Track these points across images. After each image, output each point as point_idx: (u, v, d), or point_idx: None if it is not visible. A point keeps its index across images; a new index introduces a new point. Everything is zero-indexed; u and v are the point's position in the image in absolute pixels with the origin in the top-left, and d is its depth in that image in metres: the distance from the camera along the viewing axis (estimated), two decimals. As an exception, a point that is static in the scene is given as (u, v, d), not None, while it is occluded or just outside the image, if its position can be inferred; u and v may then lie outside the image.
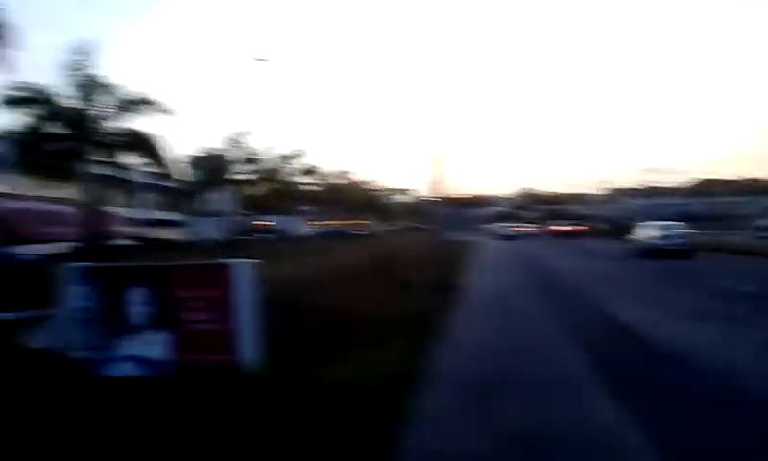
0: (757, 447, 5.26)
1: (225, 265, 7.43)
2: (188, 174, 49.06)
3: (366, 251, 28.56)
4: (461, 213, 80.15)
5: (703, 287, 17.42)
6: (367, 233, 68.60)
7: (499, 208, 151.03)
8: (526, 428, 5.76)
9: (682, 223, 35.20)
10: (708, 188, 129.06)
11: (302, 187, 65.83)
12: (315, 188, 69.92)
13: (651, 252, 30.40)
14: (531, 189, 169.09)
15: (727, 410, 6.25)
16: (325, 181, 71.96)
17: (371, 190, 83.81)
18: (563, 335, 10.43)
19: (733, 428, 5.67)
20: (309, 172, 64.27)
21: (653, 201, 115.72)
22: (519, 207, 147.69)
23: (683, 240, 30.52)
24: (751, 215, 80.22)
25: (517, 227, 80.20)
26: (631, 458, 5.05)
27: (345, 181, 76.29)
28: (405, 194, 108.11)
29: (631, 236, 35.92)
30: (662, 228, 32.11)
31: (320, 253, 26.12)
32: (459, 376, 7.83)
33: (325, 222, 72.33)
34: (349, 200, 74.75)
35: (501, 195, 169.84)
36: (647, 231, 32.95)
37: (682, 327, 11.09)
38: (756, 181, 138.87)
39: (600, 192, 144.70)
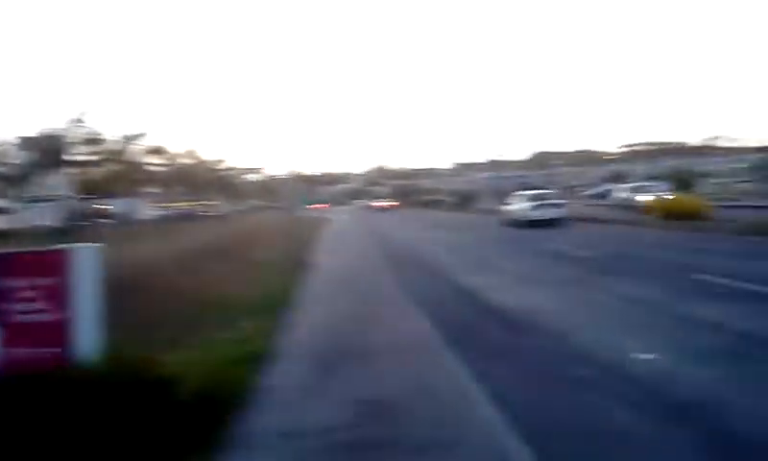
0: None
1: (61, 251, 7.00)
2: (16, 156, 44.87)
3: (214, 232, 27.90)
4: (313, 190, 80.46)
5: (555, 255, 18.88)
6: (216, 214, 66.78)
7: (353, 185, 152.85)
8: (376, 395, 5.91)
9: (551, 190, 37.05)
10: (543, 160, 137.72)
11: (148, 168, 62.45)
12: (161, 169, 66.56)
13: (521, 223, 30.36)
14: (384, 166, 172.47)
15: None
16: (173, 162, 68.71)
17: (220, 170, 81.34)
18: (415, 307, 10.83)
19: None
20: (155, 152, 61.09)
21: (497, 173, 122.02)
22: (373, 184, 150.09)
23: (554, 211, 30.41)
24: (583, 185, 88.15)
25: (376, 203, 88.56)
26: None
27: (193, 161, 73.41)
28: (257, 173, 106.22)
29: (487, 207, 37.21)
30: (534, 198, 31.80)
31: (165, 235, 25.16)
32: (311, 352, 7.84)
33: (173, 203, 69.45)
34: (197, 180, 72.07)
35: (355, 172, 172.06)
36: (519, 202, 32.70)
37: (525, 291, 11.98)
38: (585, 152, 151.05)
39: (451, 166, 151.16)
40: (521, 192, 35.12)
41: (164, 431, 4.84)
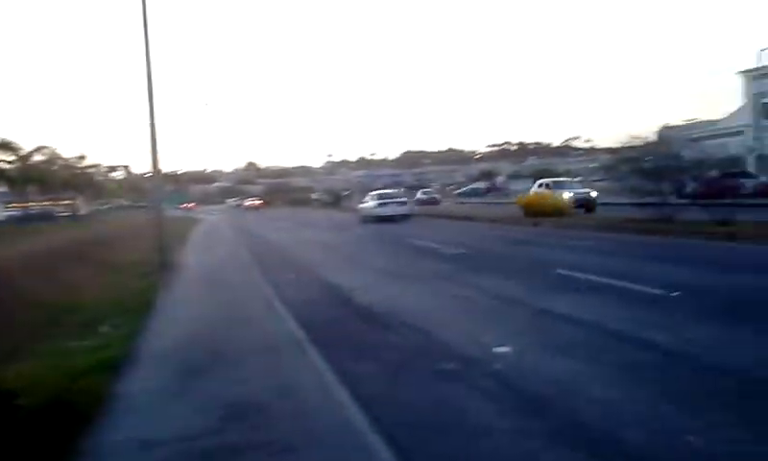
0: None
1: None
2: None
3: (72, 233, 26.24)
4: (183, 189, 77.76)
5: (409, 250, 19.24)
6: (76, 214, 62.90)
7: (224, 184, 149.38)
8: (240, 398, 5.75)
9: (400, 191, 40.80)
10: (413, 159, 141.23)
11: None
12: (11, 167, 61.30)
13: (374, 219, 33.43)
14: (255, 163, 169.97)
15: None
16: (25, 159, 63.52)
17: (81, 167, 76.49)
18: (282, 306, 10.62)
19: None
20: (3, 148, 56.22)
21: (370, 172, 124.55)
22: (244, 182, 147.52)
23: (399, 208, 34.28)
24: (456, 183, 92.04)
25: (248, 201, 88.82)
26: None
27: (46, 158, 68.41)
28: (122, 171, 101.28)
29: (355, 206, 38.93)
30: (381, 197, 35.92)
31: (14, 237, 23.31)
32: (173, 356, 7.52)
33: (27, 203, 64.45)
34: (54, 178, 67.30)
35: (225, 170, 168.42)
36: (369, 201, 36.39)
37: (388, 288, 12.14)
38: (453, 151, 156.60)
39: (323, 164, 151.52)
40: (372, 192, 39.06)
41: (7, 447, 4.44)
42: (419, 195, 60.87)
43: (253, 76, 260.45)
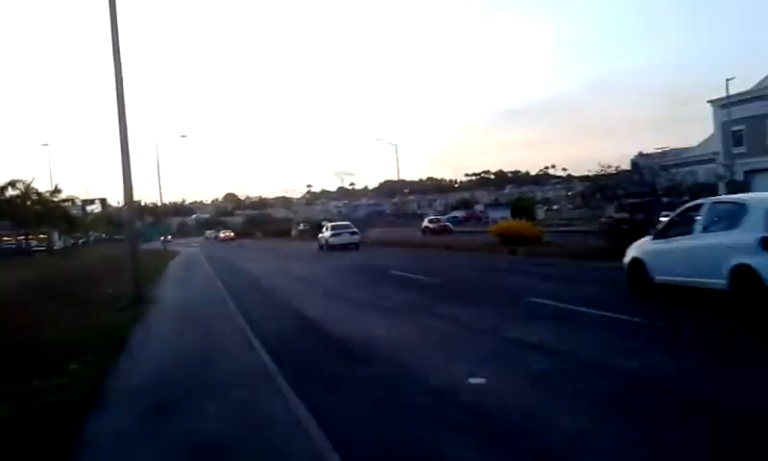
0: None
1: None
2: None
3: (46, 268, 25.87)
4: (162, 221, 77.18)
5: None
6: (49, 248, 62.16)
7: (203, 215, 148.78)
8: (211, 437, 5.64)
9: (349, 223, 45.11)
10: (392, 189, 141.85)
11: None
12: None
13: (329, 247, 38.25)
14: (235, 194, 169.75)
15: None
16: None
17: (54, 201, 75.57)
18: (253, 339, 10.50)
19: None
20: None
21: (350, 203, 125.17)
22: (225, 214, 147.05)
23: (351, 237, 39.13)
24: (433, 212, 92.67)
25: (222, 234, 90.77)
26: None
27: (20, 192, 67.53)
28: (99, 204, 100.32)
29: (319, 236, 43.17)
30: (334, 228, 41.43)
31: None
32: (140, 393, 7.35)
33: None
34: (26, 212, 66.33)
35: (206, 201, 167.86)
36: (326, 232, 41.34)
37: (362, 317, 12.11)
38: (433, 180, 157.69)
39: (303, 195, 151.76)
40: (329, 224, 44.91)
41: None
42: (425, 223, 58.25)
43: (233, 107, 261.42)
